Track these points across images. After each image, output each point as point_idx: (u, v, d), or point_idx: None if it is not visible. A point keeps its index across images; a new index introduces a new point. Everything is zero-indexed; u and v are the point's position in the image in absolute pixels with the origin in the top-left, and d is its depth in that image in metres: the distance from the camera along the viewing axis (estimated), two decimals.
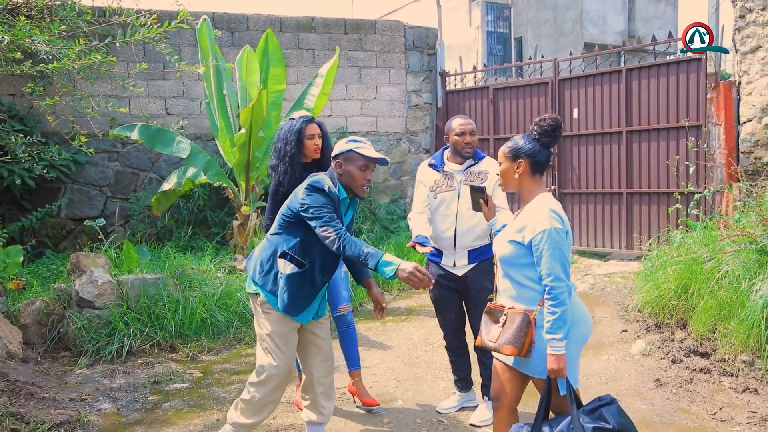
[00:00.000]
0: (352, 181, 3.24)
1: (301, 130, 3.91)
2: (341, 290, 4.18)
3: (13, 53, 4.55)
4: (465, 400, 4.19)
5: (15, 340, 5.14)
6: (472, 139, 3.97)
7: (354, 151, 3.22)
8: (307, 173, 3.58)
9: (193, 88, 8.94)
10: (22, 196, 7.78)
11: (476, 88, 9.65)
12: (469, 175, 3.94)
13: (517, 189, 2.96)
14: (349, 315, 4.21)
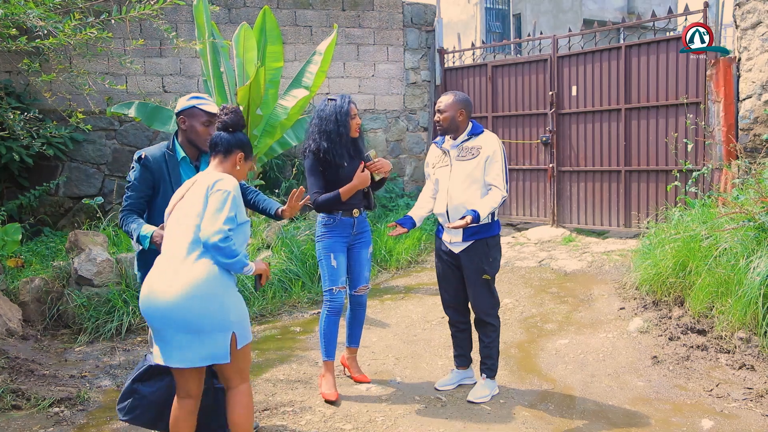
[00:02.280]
0: (197, 136, 3.37)
1: (348, 111, 4.07)
2: (364, 271, 4.22)
3: (8, 29, 4.50)
4: (463, 377, 4.22)
5: (15, 318, 5.15)
6: (440, 116, 4.01)
7: (197, 108, 3.36)
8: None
9: (191, 65, 8.87)
10: (20, 174, 7.76)
11: (475, 65, 9.58)
12: (461, 150, 3.95)
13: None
14: (364, 296, 4.28)
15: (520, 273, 7.09)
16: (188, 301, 2.71)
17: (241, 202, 2.91)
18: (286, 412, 3.86)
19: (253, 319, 5.81)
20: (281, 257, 6.53)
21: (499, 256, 4.01)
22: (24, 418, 3.83)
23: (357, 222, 4.15)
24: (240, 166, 3.05)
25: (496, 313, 4.03)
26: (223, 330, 2.78)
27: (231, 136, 3.03)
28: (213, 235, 2.71)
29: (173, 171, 3.33)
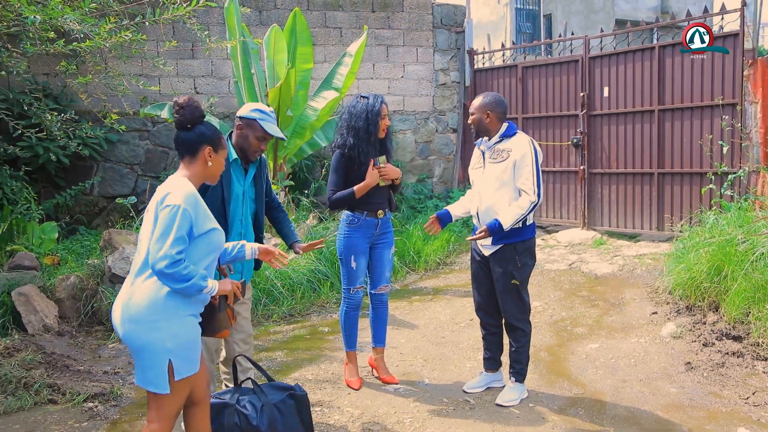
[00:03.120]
0: (248, 146, 3.42)
1: (380, 111, 4.08)
2: (385, 271, 4.26)
3: (46, 32, 4.60)
4: (491, 380, 4.20)
5: (51, 314, 5.27)
6: (470, 118, 4.02)
7: (258, 122, 3.40)
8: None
9: (222, 67, 8.97)
10: (56, 174, 7.92)
11: (505, 66, 9.53)
12: (493, 152, 3.92)
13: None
14: (386, 295, 4.31)
15: (549, 276, 7.03)
16: (128, 324, 2.56)
17: (199, 211, 2.61)
18: (314, 413, 3.87)
19: (282, 318, 5.86)
20: (310, 257, 6.56)
21: (530, 262, 3.94)
22: (60, 412, 3.91)
23: (381, 222, 4.18)
24: (212, 161, 2.75)
25: (526, 318, 3.98)
26: (158, 354, 2.54)
27: (191, 132, 2.73)
28: (159, 261, 2.45)
29: (224, 172, 3.34)
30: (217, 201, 3.33)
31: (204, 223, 2.63)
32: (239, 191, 3.46)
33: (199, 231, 2.60)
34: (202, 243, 2.63)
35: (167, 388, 2.57)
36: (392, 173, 4.10)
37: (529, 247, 3.93)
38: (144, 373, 2.59)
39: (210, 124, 2.81)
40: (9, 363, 4.38)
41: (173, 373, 2.57)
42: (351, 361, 4.33)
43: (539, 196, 3.77)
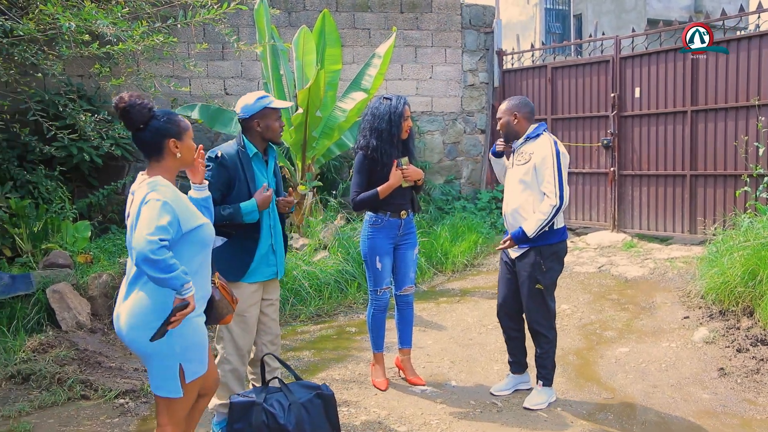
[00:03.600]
0: (272, 132, 3.45)
1: (403, 113, 4.08)
2: (409, 272, 4.25)
3: (81, 35, 4.68)
4: (518, 382, 4.16)
5: (84, 311, 5.36)
6: (499, 123, 4.00)
7: (268, 108, 3.41)
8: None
9: (251, 68, 9.05)
10: (90, 174, 8.05)
11: (534, 66, 9.45)
12: (518, 154, 3.90)
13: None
14: (411, 296, 4.31)
15: (578, 278, 6.95)
16: (134, 331, 2.51)
17: (182, 207, 2.55)
18: (341, 413, 3.88)
19: (309, 318, 5.89)
20: (337, 258, 6.59)
21: (557, 267, 3.88)
22: (92, 408, 3.99)
23: (404, 223, 4.19)
24: (180, 150, 2.62)
25: (550, 325, 3.91)
26: (167, 359, 2.53)
27: (147, 132, 2.58)
28: (144, 246, 2.32)
29: (247, 167, 3.40)
30: (244, 199, 3.34)
31: (191, 220, 2.56)
32: (264, 183, 3.46)
33: (188, 227, 2.53)
34: (192, 239, 2.57)
35: (180, 392, 2.57)
36: (415, 174, 4.09)
37: (556, 252, 3.85)
38: (155, 380, 2.58)
39: (163, 114, 2.64)
40: (44, 359, 4.48)
41: (184, 376, 2.56)
42: (378, 363, 4.33)
43: (562, 199, 3.69)
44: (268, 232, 3.46)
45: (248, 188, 3.37)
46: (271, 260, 3.49)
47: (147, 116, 2.58)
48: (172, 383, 2.55)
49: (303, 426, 2.99)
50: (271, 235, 3.48)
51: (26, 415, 3.87)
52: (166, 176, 2.61)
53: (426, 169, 9.43)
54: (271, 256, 3.49)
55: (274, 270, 3.52)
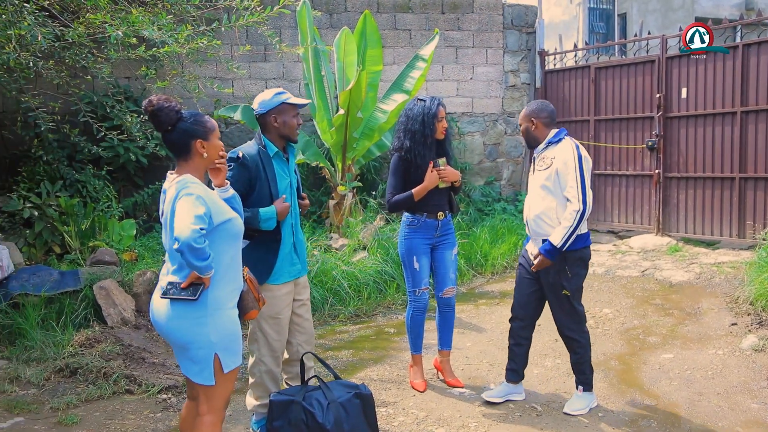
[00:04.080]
0: (291, 130, 3.42)
1: (436, 114, 4.07)
2: (449, 273, 4.23)
3: (128, 38, 4.80)
4: (511, 392, 4.04)
5: (129, 308, 5.49)
6: (520, 129, 3.93)
7: (285, 103, 3.38)
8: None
9: (293, 69, 9.13)
10: (135, 173, 8.24)
11: (577, 67, 9.31)
12: (540, 159, 3.83)
13: None
14: (451, 298, 4.28)
15: (621, 282, 6.82)
16: (173, 321, 2.62)
17: (213, 201, 2.67)
18: (379, 413, 3.89)
19: (348, 318, 5.91)
20: (377, 258, 6.60)
21: (582, 272, 3.80)
22: (135, 402, 4.08)
23: (441, 224, 4.17)
24: (207, 151, 2.73)
25: (581, 329, 3.82)
26: (204, 348, 2.63)
27: (175, 133, 2.70)
28: (189, 235, 2.42)
29: (268, 167, 3.40)
30: (266, 199, 3.34)
31: (221, 213, 2.67)
32: (286, 182, 3.47)
33: (218, 220, 2.64)
34: (223, 233, 2.67)
35: (213, 380, 2.65)
36: (452, 175, 4.08)
37: (581, 257, 3.77)
38: (191, 367, 2.68)
39: (190, 115, 2.74)
40: (90, 353, 4.60)
41: (221, 366, 2.65)
42: (416, 364, 4.33)
43: (585, 204, 3.60)
44: (290, 231, 3.48)
45: (269, 188, 3.37)
46: (294, 259, 3.51)
47: (175, 118, 2.69)
48: (207, 371, 2.65)
49: (341, 425, 3.01)
50: (292, 233, 3.50)
51: (74, 408, 3.98)
52: (195, 174, 2.72)
53: (466, 170, 9.38)
54: (294, 255, 3.51)
55: (298, 268, 3.54)
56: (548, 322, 5.50)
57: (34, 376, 4.35)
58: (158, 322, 2.70)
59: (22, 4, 4.47)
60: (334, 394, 3.10)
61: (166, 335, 2.69)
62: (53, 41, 4.83)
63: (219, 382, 2.67)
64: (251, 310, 2.84)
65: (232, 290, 2.72)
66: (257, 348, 3.44)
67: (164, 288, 2.67)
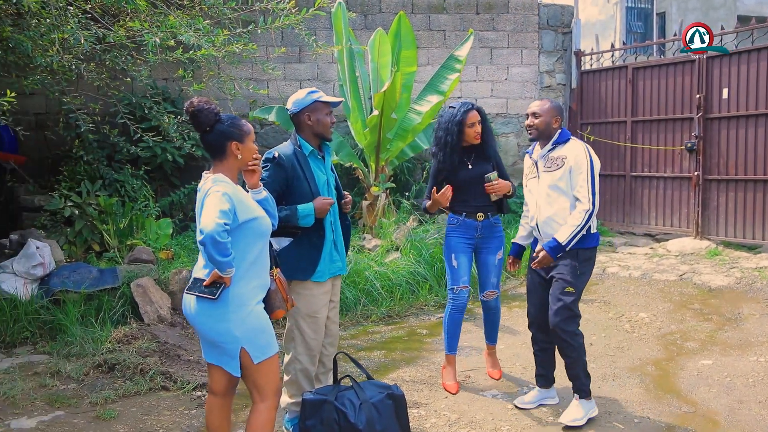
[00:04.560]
0: (324, 128, 3.45)
1: (463, 120, 4.08)
2: (491, 276, 4.26)
3: (166, 41, 4.88)
4: (544, 397, 4.00)
5: (165, 306, 5.58)
6: (534, 120, 3.78)
7: (318, 101, 3.41)
8: (468, 157, 4.15)
9: (327, 70, 9.18)
10: (172, 173, 8.37)
11: (614, 67, 9.18)
12: (547, 160, 3.75)
13: None
14: (492, 301, 4.32)
15: (658, 286, 6.70)
16: (200, 316, 2.75)
17: (241, 200, 2.75)
18: (410, 414, 3.88)
19: (380, 319, 5.92)
20: (409, 259, 6.59)
21: (588, 272, 3.73)
22: (171, 399, 4.14)
23: (481, 226, 4.18)
24: (241, 152, 2.83)
25: (573, 330, 3.67)
26: (230, 343, 2.74)
27: (212, 134, 2.80)
28: (213, 228, 2.51)
29: (305, 166, 3.43)
30: (307, 197, 3.37)
31: (247, 211, 2.76)
32: (323, 180, 3.49)
33: (243, 218, 2.73)
34: (247, 230, 2.76)
35: (239, 372, 2.78)
36: (502, 188, 4.10)
37: (591, 257, 3.74)
38: (221, 357, 2.81)
39: (227, 118, 2.84)
40: (127, 350, 4.69)
41: (251, 358, 2.75)
42: (449, 365, 4.32)
43: (594, 204, 3.58)
44: (330, 229, 3.51)
45: (309, 186, 3.40)
46: (334, 257, 3.54)
47: (213, 120, 2.80)
48: (232, 363, 2.77)
49: (373, 425, 3.01)
50: (332, 231, 3.52)
51: (111, 403, 4.06)
52: (228, 175, 2.83)
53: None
54: (334, 253, 3.54)
55: (338, 266, 3.57)
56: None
57: (74, 371, 4.46)
58: (188, 315, 2.84)
59: (66, 7, 4.57)
60: (367, 395, 3.11)
61: (195, 328, 2.83)
62: (95, 44, 4.94)
63: (261, 371, 2.78)
64: (278, 309, 2.91)
65: (255, 287, 2.80)
66: (294, 346, 3.47)
67: (190, 283, 2.79)
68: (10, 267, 5.56)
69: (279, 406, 3.02)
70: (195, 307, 2.76)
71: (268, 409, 2.82)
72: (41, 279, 5.64)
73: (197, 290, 2.73)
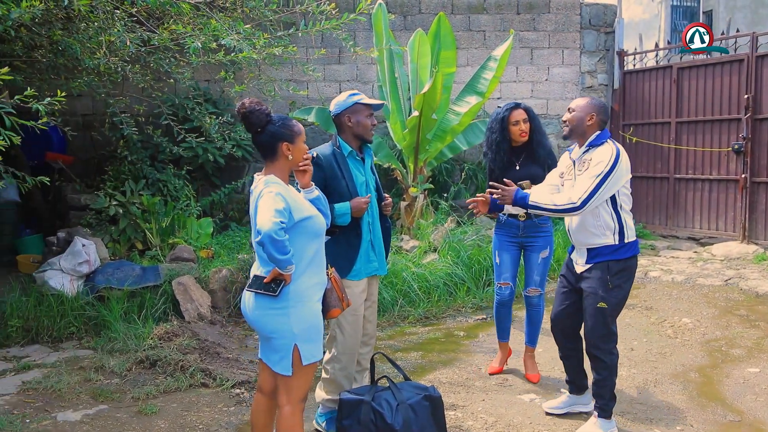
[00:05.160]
0: (365, 129, 3.47)
1: (505, 118, 4.18)
2: (533, 274, 4.33)
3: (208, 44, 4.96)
4: (574, 403, 3.86)
5: (205, 304, 5.67)
6: (568, 115, 3.61)
7: (359, 103, 3.44)
8: (517, 158, 4.21)
9: (366, 71, 9.21)
10: (213, 173, 8.51)
11: (658, 67, 9.00)
12: (581, 163, 3.55)
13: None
14: (534, 298, 4.37)
15: (702, 291, 6.54)
16: (258, 310, 2.77)
17: (294, 199, 2.78)
18: (447, 416, 3.86)
19: (418, 320, 5.90)
20: (447, 261, 6.57)
21: (625, 285, 3.50)
22: (210, 396, 4.20)
23: (524, 225, 4.24)
24: (292, 153, 2.85)
25: (609, 349, 3.52)
26: (285, 339, 2.75)
27: (264, 135, 2.83)
28: (271, 227, 2.53)
29: (344, 166, 3.47)
30: (345, 197, 3.41)
31: (301, 211, 2.78)
32: (361, 180, 3.52)
33: (298, 217, 2.75)
34: (303, 230, 2.79)
35: (290, 370, 2.77)
36: None
37: (626, 269, 3.50)
38: (271, 355, 2.82)
39: (278, 119, 2.86)
40: (168, 346, 4.78)
41: (301, 358, 2.75)
42: (500, 350, 4.59)
43: (583, 204, 3.33)
44: (367, 229, 3.53)
45: (347, 186, 3.44)
46: (371, 257, 3.56)
47: (264, 121, 2.82)
48: (286, 361, 2.77)
49: (410, 427, 3.01)
50: (369, 231, 3.55)
51: (153, 398, 4.14)
52: (279, 175, 2.86)
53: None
54: (371, 253, 3.56)
55: (374, 266, 3.59)
56: (623, 330, 5.35)
57: (117, 367, 4.56)
58: (245, 313, 2.86)
59: (113, 11, 4.68)
60: (404, 396, 3.11)
61: (252, 325, 2.84)
62: (140, 46, 5.04)
63: (298, 374, 2.78)
64: (334, 308, 2.93)
65: (314, 285, 2.83)
66: (334, 344, 3.50)
67: (250, 280, 2.82)
68: (57, 264, 5.73)
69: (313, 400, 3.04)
70: (253, 304, 2.79)
71: (294, 414, 2.82)
72: (86, 276, 5.79)
73: (257, 287, 2.77)
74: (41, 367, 4.67)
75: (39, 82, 5.56)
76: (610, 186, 3.38)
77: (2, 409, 3.98)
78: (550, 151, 4.29)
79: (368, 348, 3.71)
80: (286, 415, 2.80)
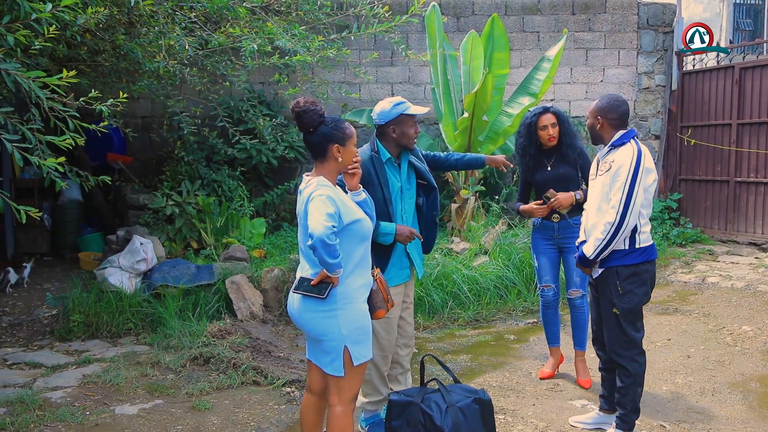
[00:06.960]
0: (408, 139, 3.45)
1: (533, 123, 4.20)
2: (572, 276, 4.30)
3: (264, 47, 5.05)
4: (601, 422, 3.70)
5: (257, 303, 5.77)
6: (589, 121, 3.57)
7: (404, 114, 3.40)
8: (548, 159, 4.25)
9: (418, 73, 9.21)
10: (266, 174, 8.65)
11: (718, 68, 8.71)
12: (602, 163, 3.50)
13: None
14: (576, 299, 4.32)
15: (764, 298, 6.30)
16: (307, 313, 2.79)
17: (343, 202, 2.79)
18: (497, 420, 3.83)
19: (467, 323, 5.87)
20: (498, 263, 6.51)
21: (638, 291, 3.39)
22: (261, 393, 4.27)
23: (558, 227, 4.26)
24: (342, 155, 2.85)
25: (630, 356, 3.41)
26: (335, 341, 2.75)
27: (316, 135, 2.83)
28: (323, 231, 2.54)
29: (380, 172, 3.44)
30: (379, 203, 3.37)
31: (350, 214, 2.79)
32: (397, 187, 3.50)
33: (347, 220, 2.76)
34: (351, 233, 2.80)
35: (342, 371, 2.78)
36: (563, 204, 4.13)
37: (637, 273, 3.38)
38: (321, 357, 2.83)
39: (331, 120, 2.86)
40: (221, 344, 4.88)
41: (351, 359, 2.77)
42: (551, 355, 4.55)
43: (623, 218, 3.25)
44: None
45: (382, 192, 3.41)
46: (404, 263, 3.55)
47: (317, 121, 2.83)
48: (337, 363, 2.78)
49: (459, 429, 3.00)
50: None
51: (206, 395, 4.24)
52: (328, 177, 2.87)
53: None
54: (404, 259, 3.55)
55: (407, 273, 3.58)
56: (679, 337, 5.20)
57: (172, 363, 4.69)
58: (293, 314, 2.88)
59: (173, 15, 4.82)
60: (454, 398, 3.10)
61: (301, 326, 2.87)
62: (198, 49, 5.17)
63: (348, 375, 2.80)
64: (379, 309, 2.93)
65: (361, 286, 2.84)
66: None
67: (296, 282, 2.84)
68: (116, 261, 5.92)
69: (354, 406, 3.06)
70: (300, 305, 2.81)
71: (345, 414, 2.83)
72: (144, 273, 5.96)
73: (304, 289, 2.79)
74: (100, 362, 4.83)
75: (102, 86, 5.76)
76: (638, 186, 3.31)
77: (65, 401, 4.14)
78: (581, 152, 4.26)
79: (408, 350, 3.71)
80: (338, 415, 2.82)
